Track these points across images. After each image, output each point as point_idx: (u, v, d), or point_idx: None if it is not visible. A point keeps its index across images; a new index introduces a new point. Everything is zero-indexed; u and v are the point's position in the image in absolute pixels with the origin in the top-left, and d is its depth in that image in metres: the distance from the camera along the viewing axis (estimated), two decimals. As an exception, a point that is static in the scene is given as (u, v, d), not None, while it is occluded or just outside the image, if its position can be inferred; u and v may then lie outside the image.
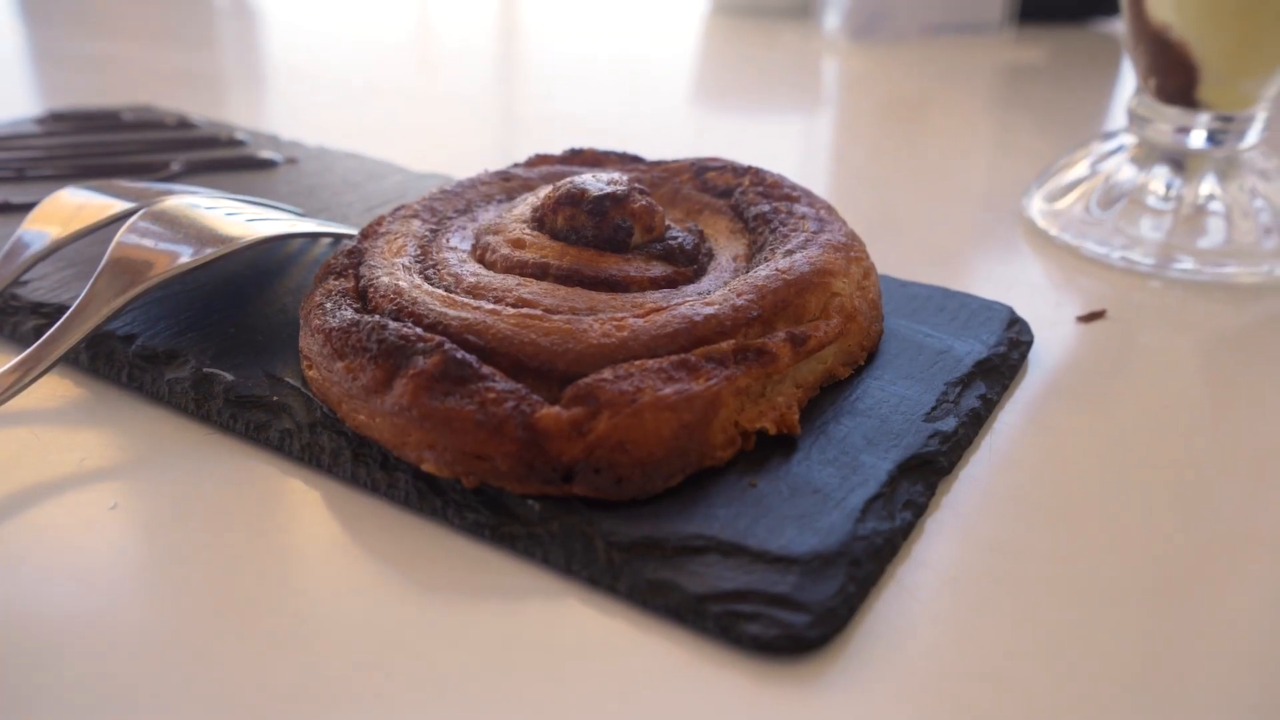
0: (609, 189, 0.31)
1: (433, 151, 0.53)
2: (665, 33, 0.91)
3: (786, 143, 0.61)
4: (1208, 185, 0.41)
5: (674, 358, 0.25)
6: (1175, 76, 0.40)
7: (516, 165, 0.38)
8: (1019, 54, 0.78)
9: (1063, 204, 0.43)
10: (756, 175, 0.35)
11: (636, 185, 0.32)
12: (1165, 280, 0.39)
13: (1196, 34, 0.38)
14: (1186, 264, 0.39)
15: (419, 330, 0.26)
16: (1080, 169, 0.44)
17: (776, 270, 0.29)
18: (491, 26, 0.94)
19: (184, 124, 0.49)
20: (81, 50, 0.72)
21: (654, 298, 0.28)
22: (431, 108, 0.63)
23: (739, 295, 0.28)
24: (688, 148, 0.50)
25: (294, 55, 0.76)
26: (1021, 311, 0.35)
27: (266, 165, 0.44)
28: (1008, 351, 0.31)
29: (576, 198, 0.31)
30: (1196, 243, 0.40)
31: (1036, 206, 0.44)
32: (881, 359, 0.30)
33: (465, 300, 0.27)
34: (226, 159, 0.44)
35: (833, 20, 0.81)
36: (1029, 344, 0.33)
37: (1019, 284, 0.39)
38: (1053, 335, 0.35)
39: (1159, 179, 0.41)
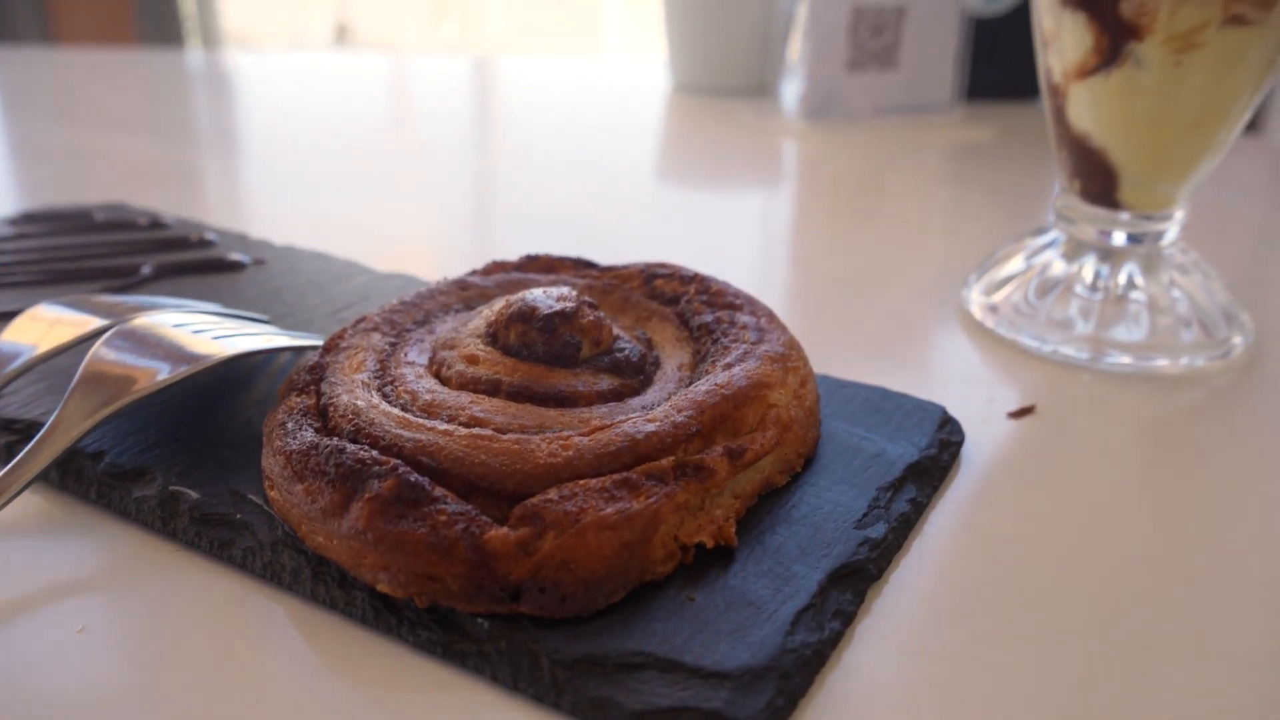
0: (558, 306, 0.32)
1: (398, 245, 0.54)
2: (630, 110, 0.93)
3: (745, 219, 0.63)
4: (1132, 279, 0.43)
5: (616, 476, 0.27)
6: (1097, 180, 0.42)
7: (474, 272, 0.40)
8: (967, 133, 0.82)
9: (999, 297, 0.45)
10: (702, 283, 0.37)
11: (585, 300, 0.33)
12: (1095, 373, 0.41)
13: (1113, 142, 0.41)
14: (1114, 357, 0.41)
15: (375, 453, 0.27)
16: (1016, 263, 0.46)
17: (715, 385, 0.30)
18: (462, 108, 0.96)
19: (156, 224, 0.51)
20: (58, 141, 0.74)
21: (600, 412, 0.30)
22: (400, 195, 0.65)
23: (679, 411, 0.29)
24: (652, 224, 0.52)
25: (267, 147, 0.78)
26: (956, 407, 0.37)
27: (235, 267, 0.46)
28: (938, 453, 0.33)
29: (527, 315, 0.32)
30: (1122, 335, 0.42)
31: (975, 299, 0.46)
32: (818, 464, 0.32)
33: (419, 420, 0.29)
34: (196, 261, 0.46)
35: (789, 100, 0.84)
36: (959, 444, 0.34)
37: (955, 378, 0.41)
38: (985, 432, 0.36)
39: (1088, 271, 0.43)
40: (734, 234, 0.59)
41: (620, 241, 0.57)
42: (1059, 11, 0.40)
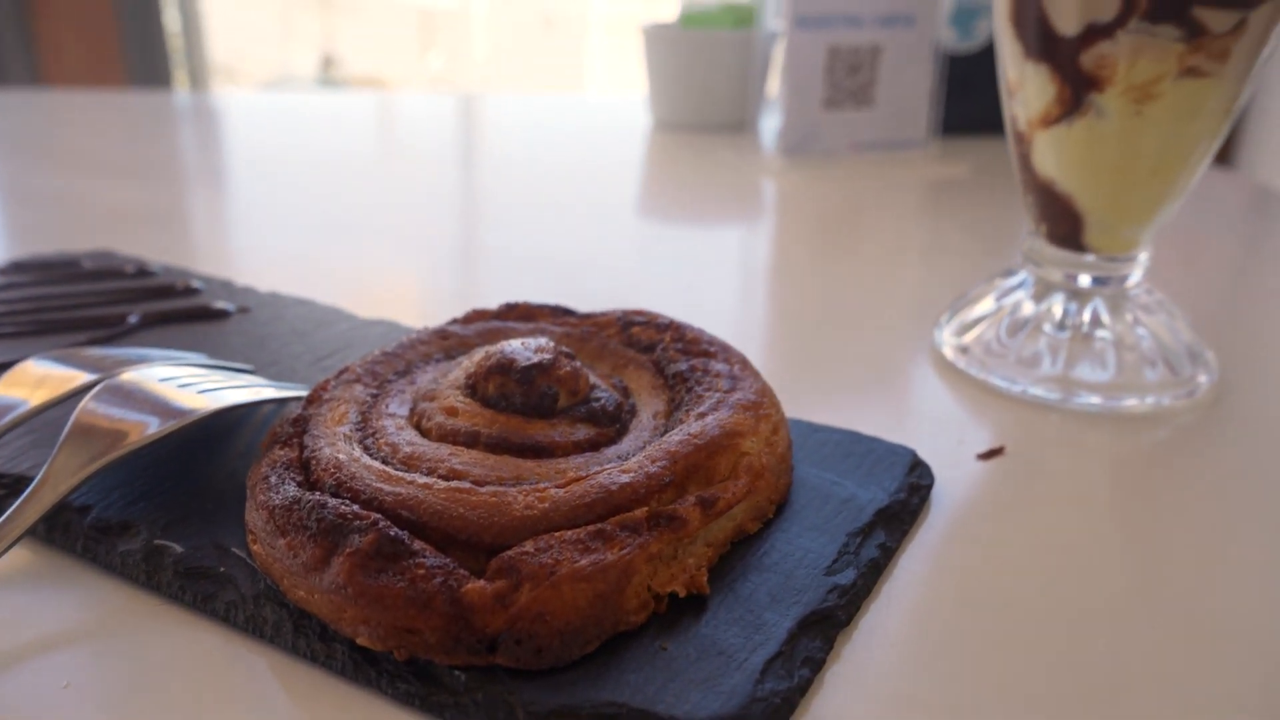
0: (535, 358, 0.33)
1: (382, 288, 0.55)
2: (612, 146, 0.95)
3: (725, 257, 0.64)
4: (1098, 320, 0.44)
5: (591, 528, 0.28)
6: (1063, 224, 0.43)
7: (454, 321, 0.41)
8: (943, 169, 0.83)
9: (969, 338, 0.46)
10: (677, 331, 0.38)
11: (562, 350, 0.34)
12: (1064, 412, 0.42)
13: (1078, 188, 0.42)
14: (1082, 397, 0.42)
15: (355, 508, 0.28)
16: (986, 304, 0.47)
17: (689, 435, 0.31)
18: (447, 146, 0.98)
19: (142, 271, 0.52)
20: (46, 185, 0.75)
21: (576, 463, 0.31)
22: (384, 236, 0.65)
23: (653, 462, 0.30)
24: (634, 262, 0.53)
25: (253, 188, 0.79)
26: (927, 449, 0.38)
27: (220, 316, 0.47)
28: (908, 497, 0.34)
29: (505, 367, 0.33)
30: (1090, 375, 0.43)
31: (947, 340, 0.47)
32: (790, 510, 0.33)
33: (400, 474, 0.29)
34: (182, 310, 0.47)
35: (769, 137, 0.86)
36: (929, 487, 0.35)
37: (927, 420, 0.42)
38: (954, 474, 0.37)
39: (1055, 312, 0.44)
40: (713, 272, 0.60)
41: (603, 280, 0.58)
42: (1022, 63, 0.41)
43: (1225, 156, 2.02)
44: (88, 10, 2.60)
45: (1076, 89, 0.40)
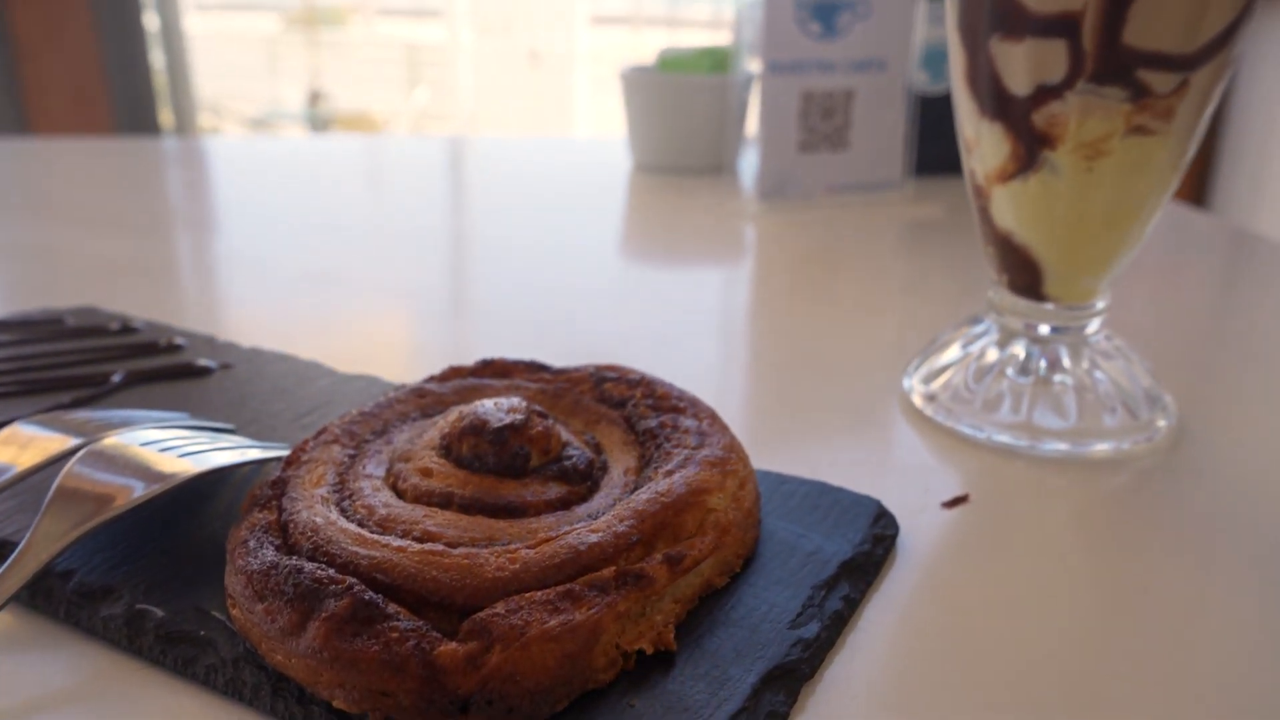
0: (508, 419, 0.34)
1: (363, 340, 0.56)
2: (594, 189, 0.96)
3: (702, 301, 0.65)
4: (1059, 367, 0.45)
5: (560, 588, 0.29)
6: (1023, 274, 0.45)
7: (431, 379, 0.42)
8: (918, 210, 0.85)
9: (937, 385, 0.47)
10: (648, 387, 0.39)
11: (535, 409, 0.35)
12: (1028, 458, 0.43)
13: (1035, 240, 0.43)
14: (1044, 442, 0.43)
15: (331, 572, 0.29)
16: (953, 352, 0.48)
17: (656, 494, 0.32)
18: (432, 191, 0.99)
19: (126, 328, 0.53)
20: (31, 238, 0.76)
21: (547, 522, 0.32)
22: (367, 286, 0.66)
23: (621, 521, 0.31)
24: (612, 308, 0.54)
25: (237, 240, 0.80)
26: (894, 498, 0.39)
27: (202, 373, 0.47)
28: (872, 549, 0.35)
29: (479, 428, 0.34)
30: (1052, 422, 0.44)
31: (915, 387, 0.48)
32: (757, 563, 0.34)
33: (375, 537, 0.30)
34: (165, 368, 0.48)
35: (746, 178, 0.87)
36: (894, 537, 0.36)
37: (894, 468, 0.43)
38: (920, 523, 0.38)
39: (1018, 358, 0.46)
40: (691, 318, 0.62)
41: (583, 327, 0.59)
42: (978, 121, 0.43)
43: (1199, 199, 2.06)
44: (74, 52, 2.62)
45: (1030, 146, 0.41)
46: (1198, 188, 2.08)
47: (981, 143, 0.43)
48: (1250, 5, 0.39)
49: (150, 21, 2.98)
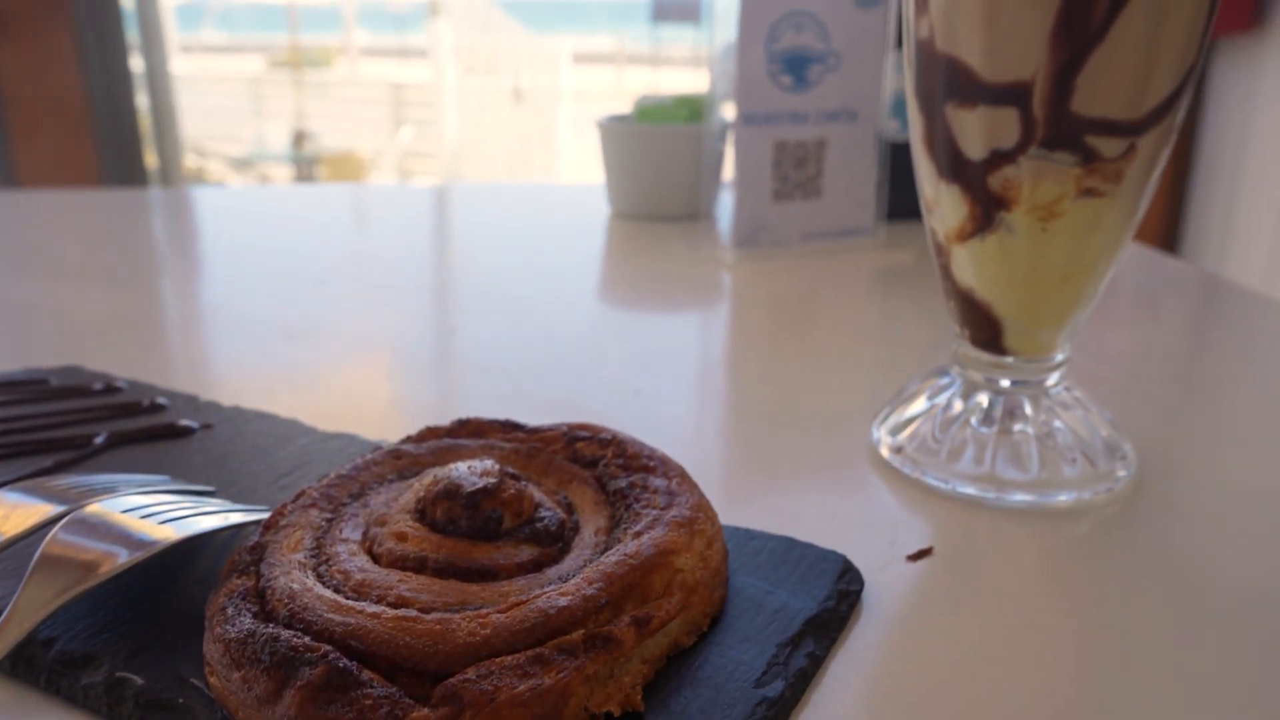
0: (480, 483, 0.35)
1: (343, 398, 0.57)
2: (574, 236, 0.98)
3: (677, 350, 0.67)
4: (1022, 417, 0.46)
5: (530, 653, 0.29)
6: (984, 329, 0.46)
7: (408, 439, 0.43)
8: (890, 256, 0.86)
9: (904, 436, 0.48)
10: (619, 447, 0.40)
11: (508, 472, 0.36)
12: (992, 509, 0.44)
13: (994, 297, 0.45)
14: (1007, 493, 0.44)
15: (307, 639, 0.30)
16: (920, 403, 0.50)
17: (624, 555, 0.33)
18: (416, 239, 1.00)
19: (109, 388, 0.53)
20: (16, 294, 0.77)
21: (519, 584, 0.33)
22: (348, 339, 0.67)
23: (590, 584, 0.32)
24: (592, 355, 0.55)
25: (221, 293, 0.81)
26: (860, 551, 0.40)
27: (184, 433, 0.48)
28: (836, 605, 0.36)
29: (452, 492, 0.35)
30: (1014, 472, 0.45)
31: (883, 439, 0.50)
32: (725, 621, 0.35)
33: (350, 603, 0.31)
34: (147, 430, 0.48)
35: (724, 224, 0.89)
36: (858, 592, 0.37)
37: (861, 521, 0.44)
38: (885, 577, 0.39)
39: (982, 411, 0.47)
40: (667, 367, 0.63)
41: (561, 376, 0.60)
42: (937, 182, 0.44)
43: (1171, 244, 2.10)
44: (60, 96, 2.64)
45: (986, 208, 0.43)
46: (1170, 233, 2.12)
47: (941, 203, 0.45)
48: (1191, 74, 0.41)
49: (136, 64, 3.00)
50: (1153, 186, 0.42)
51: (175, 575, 0.37)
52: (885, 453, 0.49)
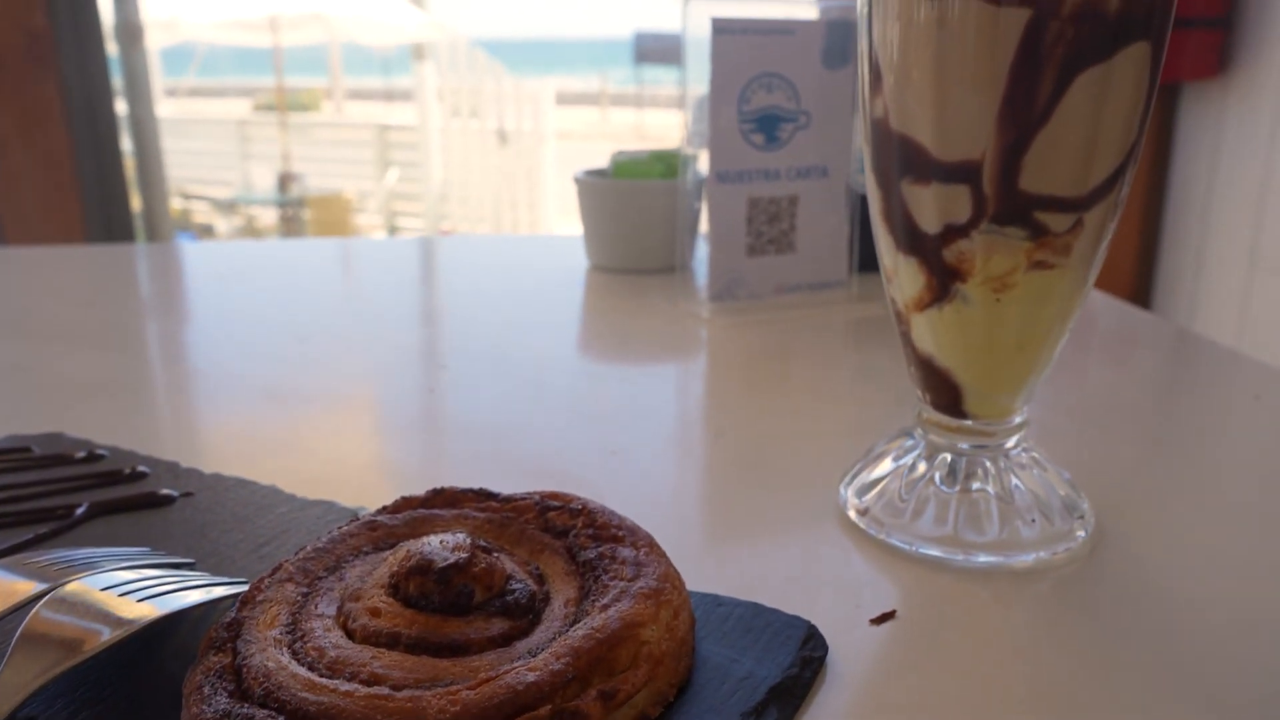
0: (452, 558, 0.36)
1: (324, 463, 0.58)
2: (555, 288, 0.99)
3: (653, 408, 0.68)
4: (983, 478, 0.48)
5: (499, 729, 0.30)
6: (944, 394, 0.48)
7: (383, 510, 0.44)
8: (863, 308, 0.88)
9: (869, 498, 0.50)
10: (589, 517, 0.41)
11: (479, 545, 0.37)
12: (955, 571, 0.45)
13: (952, 363, 0.46)
14: (969, 554, 0.46)
15: (282, 719, 0.31)
16: (885, 465, 0.51)
17: (591, 629, 0.34)
18: (400, 293, 1.02)
19: (91, 455, 0.54)
20: (2, 359, 0.78)
21: (489, 659, 0.34)
22: (329, 402, 0.69)
23: (557, 659, 0.33)
24: (573, 407, 0.56)
25: (205, 353, 0.82)
26: (826, 616, 0.41)
27: (164, 502, 0.49)
28: (800, 672, 0.37)
29: (424, 568, 0.36)
30: (976, 533, 0.46)
31: (850, 500, 0.51)
32: (691, 690, 0.36)
33: (324, 682, 0.32)
34: (128, 499, 0.49)
35: (700, 277, 0.90)
36: (822, 658, 0.38)
37: (827, 584, 0.45)
38: (849, 640, 0.40)
39: (944, 473, 0.48)
40: (642, 425, 0.64)
41: (538, 438, 0.61)
42: (895, 254, 0.46)
43: (1144, 299, 2.13)
44: (46, 144, 2.65)
45: (942, 279, 0.44)
46: (1142, 284, 2.15)
47: (899, 274, 0.46)
48: (1134, 151, 0.42)
49: (121, 108, 3.03)
50: (1101, 257, 0.44)
51: (154, 650, 0.38)
52: (852, 514, 0.50)
